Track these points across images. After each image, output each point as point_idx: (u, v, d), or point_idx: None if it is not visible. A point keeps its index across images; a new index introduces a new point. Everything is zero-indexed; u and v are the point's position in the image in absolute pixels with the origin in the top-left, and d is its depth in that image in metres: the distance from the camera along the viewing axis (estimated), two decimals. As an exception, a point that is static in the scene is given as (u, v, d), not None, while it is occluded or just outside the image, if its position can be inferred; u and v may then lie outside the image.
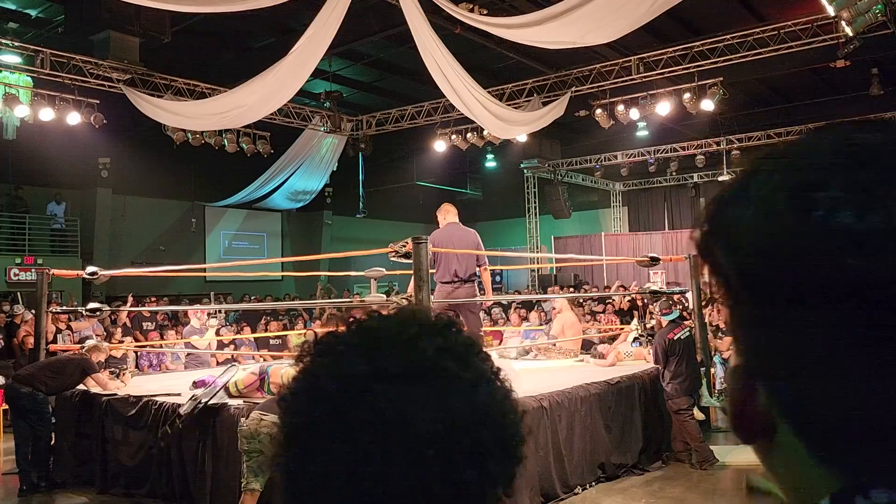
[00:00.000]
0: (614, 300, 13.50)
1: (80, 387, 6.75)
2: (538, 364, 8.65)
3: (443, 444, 0.58)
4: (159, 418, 6.00)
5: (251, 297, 15.72)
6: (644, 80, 12.32)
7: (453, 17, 10.15)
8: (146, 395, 6.35)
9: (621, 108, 12.95)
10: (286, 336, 11.63)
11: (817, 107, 15.53)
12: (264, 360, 9.24)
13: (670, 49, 11.90)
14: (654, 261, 8.65)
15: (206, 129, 12.90)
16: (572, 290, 16.30)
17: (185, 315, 10.85)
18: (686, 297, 8.79)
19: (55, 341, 8.86)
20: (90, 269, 8.04)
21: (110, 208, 16.97)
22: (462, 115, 12.79)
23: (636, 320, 10.22)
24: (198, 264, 17.84)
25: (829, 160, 0.44)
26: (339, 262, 13.19)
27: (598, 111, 13.18)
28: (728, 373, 0.51)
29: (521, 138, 14.92)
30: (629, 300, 13.09)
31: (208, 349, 9.66)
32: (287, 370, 5.93)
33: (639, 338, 8.72)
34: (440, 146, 15.33)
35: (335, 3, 9.43)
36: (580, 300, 12.87)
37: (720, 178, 18.11)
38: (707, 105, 12.27)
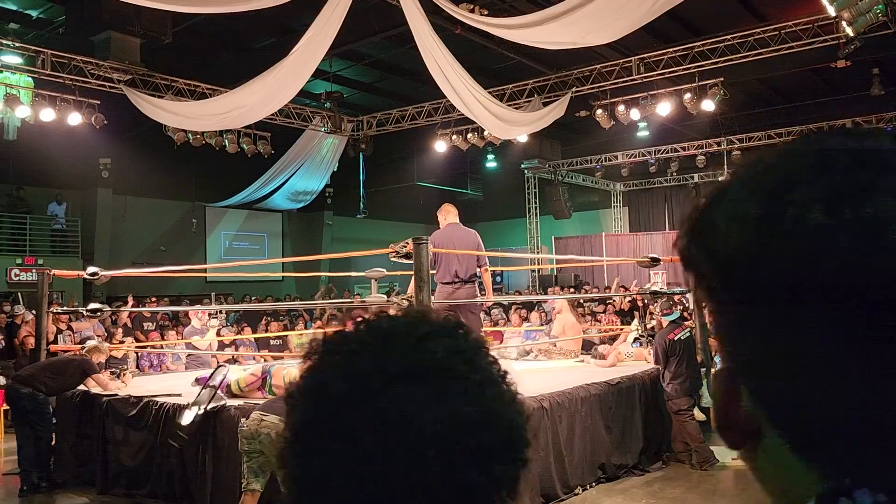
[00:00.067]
0: (615, 300, 13.49)
1: (80, 387, 6.75)
2: (538, 364, 8.66)
3: (450, 445, 0.58)
4: (160, 419, 6.01)
5: (252, 298, 15.73)
6: (645, 80, 12.32)
7: (454, 17, 10.15)
8: (147, 396, 6.36)
9: (622, 108, 12.95)
10: (287, 336, 11.63)
11: (818, 107, 15.51)
12: (265, 360, 9.24)
13: (671, 49, 11.89)
14: (655, 261, 8.64)
15: (206, 130, 12.90)
16: (573, 290, 16.31)
17: (185, 315, 10.85)
18: (686, 297, 8.78)
19: (56, 342, 8.86)
20: (91, 269, 8.01)
21: (111, 209, 16.98)
22: (462, 115, 12.79)
23: (637, 321, 10.21)
24: (198, 265, 17.82)
25: (800, 164, 0.45)
26: (340, 262, 13.18)
27: (599, 111, 13.18)
28: (712, 377, 0.51)
29: (522, 139, 14.92)
30: (630, 300, 13.09)
31: (209, 349, 9.67)
32: (290, 371, 5.93)
33: (639, 338, 8.71)
34: (441, 146, 15.33)
35: (336, 4, 9.43)
36: (580, 301, 12.86)
37: (720, 179, 18.10)
38: (708, 105, 12.26)
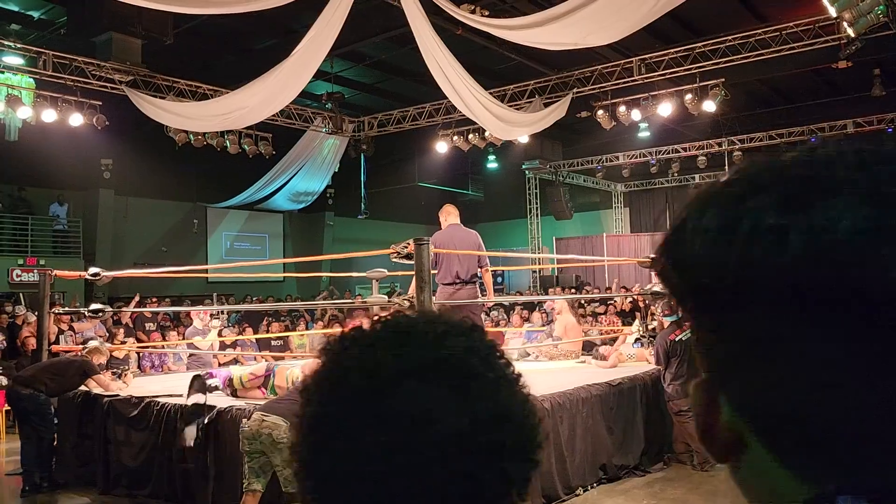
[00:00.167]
0: (616, 301, 13.49)
1: (81, 388, 6.77)
2: (539, 365, 8.65)
3: (465, 442, 0.59)
4: (161, 419, 6.02)
5: (253, 298, 15.75)
6: (646, 81, 12.32)
7: (455, 18, 10.16)
8: (148, 396, 6.36)
9: (623, 109, 12.95)
10: (288, 337, 11.64)
11: (819, 108, 15.50)
12: (266, 361, 9.25)
13: (672, 50, 11.89)
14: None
15: (208, 131, 12.91)
16: (574, 291, 16.30)
17: (186, 316, 10.86)
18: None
19: (57, 342, 8.88)
20: (92, 270, 8.02)
21: (112, 209, 16.98)
22: (463, 116, 12.79)
23: (638, 321, 10.19)
24: (200, 265, 17.85)
25: (758, 176, 0.46)
26: (341, 263, 13.21)
27: (600, 112, 13.18)
28: (691, 389, 0.51)
29: (523, 139, 14.92)
30: (631, 301, 13.09)
31: (210, 350, 9.68)
32: (293, 371, 5.94)
33: (640, 339, 8.71)
34: (442, 147, 15.33)
35: (337, 5, 9.44)
36: (580, 302, 12.86)
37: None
38: (709, 106, 12.26)
